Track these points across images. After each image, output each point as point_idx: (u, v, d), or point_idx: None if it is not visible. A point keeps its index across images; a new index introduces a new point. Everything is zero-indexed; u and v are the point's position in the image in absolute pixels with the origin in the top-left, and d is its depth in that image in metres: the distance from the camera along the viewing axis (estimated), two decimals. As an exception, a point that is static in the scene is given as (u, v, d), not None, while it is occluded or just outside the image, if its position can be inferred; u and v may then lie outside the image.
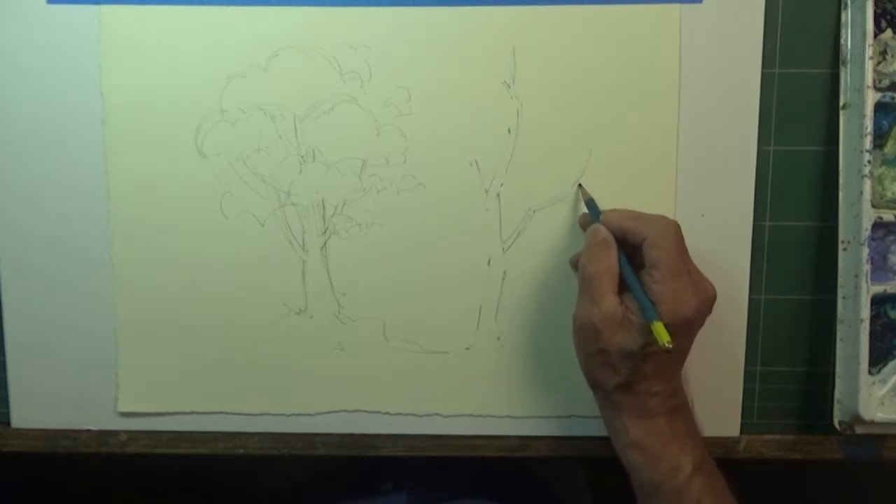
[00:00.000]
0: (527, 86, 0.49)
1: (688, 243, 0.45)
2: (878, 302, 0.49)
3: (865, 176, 0.47)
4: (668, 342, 0.41)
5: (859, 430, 0.49)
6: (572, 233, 0.50)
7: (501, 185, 0.50)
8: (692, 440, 0.45)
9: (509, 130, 0.49)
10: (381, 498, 0.64)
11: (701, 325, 0.45)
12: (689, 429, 0.46)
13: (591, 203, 0.48)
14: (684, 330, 0.44)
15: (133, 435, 0.53)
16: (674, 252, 0.43)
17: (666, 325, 0.42)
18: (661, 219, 0.45)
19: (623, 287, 0.45)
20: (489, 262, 0.51)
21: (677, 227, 0.44)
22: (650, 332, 0.42)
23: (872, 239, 0.48)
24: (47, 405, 0.52)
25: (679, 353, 0.45)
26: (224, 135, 0.50)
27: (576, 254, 0.49)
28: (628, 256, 0.45)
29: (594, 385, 0.47)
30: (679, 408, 0.46)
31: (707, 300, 0.44)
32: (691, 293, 0.43)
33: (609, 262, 0.45)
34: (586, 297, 0.45)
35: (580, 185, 0.49)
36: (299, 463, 0.73)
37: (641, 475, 0.45)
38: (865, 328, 0.48)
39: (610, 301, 0.44)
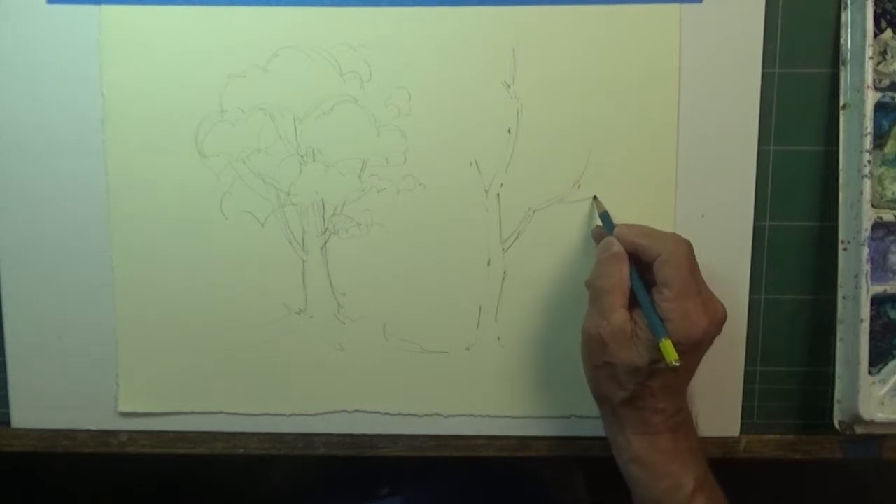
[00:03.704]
0: (527, 86, 0.49)
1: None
2: (878, 302, 0.49)
3: (865, 176, 0.47)
4: (675, 360, 0.41)
5: (859, 430, 0.49)
6: (572, 233, 0.50)
7: (501, 185, 0.50)
8: (694, 457, 0.45)
9: (509, 130, 0.49)
10: (377, 503, 0.64)
11: (710, 345, 0.45)
12: (691, 445, 0.46)
13: (605, 216, 0.48)
14: (692, 349, 0.44)
15: (133, 435, 0.53)
16: (685, 271, 0.43)
17: (674, 344, 0.42)
18: (674, 237, 0.45)
19: (633, 302, 0.45)
20: (489, 262, 0.51)
21: (689, 247, 0.44)
22: (658, 349, 0.42)
23: (872, 239, 0.48)
24: (47, 405, 0.52)
25: (686, 371, 0.45)
26: (224, 135, 0.50)
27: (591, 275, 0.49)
28: (640, 272, 0.45)
29: (599, 398, 0.47)
30: (683, 424, 0.46)
31: (717, 321, 0.44)
32: (701, 313, 0.43)
33: (620, 276, 0.45)
34: (596, 310, 0.45)
35: (595, 197, 0.49)
36: (299, 464, 0.73)
37: (643, 490, 0.45)
38: (865, 328, 0.48)
39: (619, 316, 0.44)
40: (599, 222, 0.49)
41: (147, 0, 0.49)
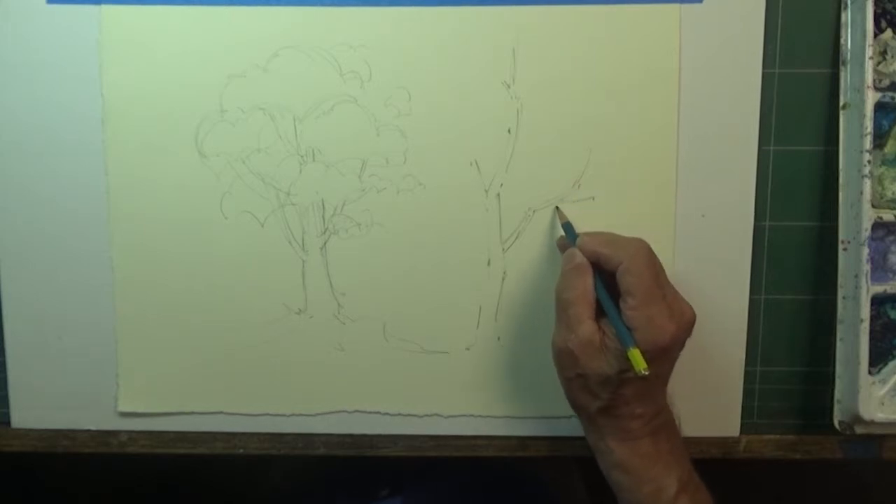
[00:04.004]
0: (527, 86, 0.49)
1: (688, 243, 0.45)
2: (878, 302, 0.49)
3: (865, 176, 0.47)
4: (644, 369, 0.41)
5: (859, 430, 0.49)
6: (572, 233, 0.50)
7: (501, 185, 0.50)
8: (676, 459, 0.45)
9: (509, 130, 0.49)
10: (377, 503, 0.64)
11: (680, 349, 0.45)
12: (673, 447, 0.46)
13: (567, 226, 0.48)
14: (661, 355, 0.43)
15: (133, 435, 0.53)
16: (647, 277, 0.43)
17: (642, 352, 0.42)
18: (634, 243, 0.45)
19: (601, 312, 0.45)
20: (489, 262, 0.51)
21: (649, 251, 0.44)
22: (627, 358, 0.42)
23: (872, 239, 0.48)
24: (47, 405, 0.52)
25: (659, 376, 0.45)
26: (224, 135, 0.50)
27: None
28: (606, 281, 0.45)
29: (577, 409, 0.47)
30: (664, 427, 0.46)
31: (684, 325, 0.44)
32: (667, 318, 0.43)
33: (584, 287, 0.44)
34: (563, 323, 0.45)
35: (557, 207, 0.49)
36: (299, 464, 0.73)
37: (627, 495, 0.45)
38: (865, 328, 0.48)
39: (587, 327, 0.44)
40: (600, 223, 0.49)
41: (147, 0, 0.49)
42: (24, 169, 0.50)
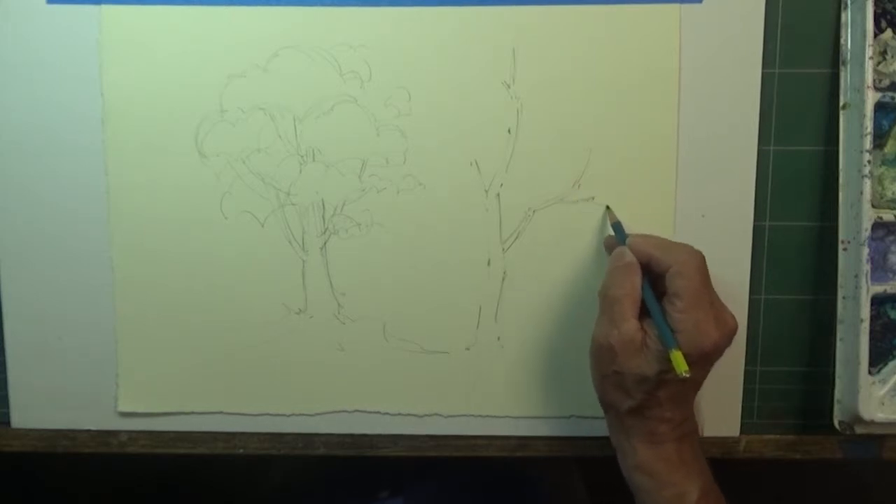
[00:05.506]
0: (527, 86, 0.49)
1: (688, 243, 0.45)
2: (878, 302, 0.49)
3: (865, 176, 0.47)
4: (685, 371, 0.41)
5: (859, 430, 0.49)
6: (572, 233, 0.50)
7: (501, 185, 0.50)
8: (699, 467, 0.45)
9: (509, 130, 0.49)
10: (377, 503, 0.64)
11: (719, 356, 0.45)
12: (696, 455, 0.46)
13: (617, 226, 0.48)
14: (702, 361, 0.44)
15: (133, 435, 0.53)
16: (697, 283, 0.43)
17: (684, 355, 0.42)
18: (687, 248, 0.45)
19: (644, 312, 0.45)
20: (489, 262, 0.51)
21: (702, 259, 0.44)
22: (667, 359, 0.42)
23: (872, 239, 0.48)
24: (47, 405, 0.52)
25: (694, 382, 0.45)
26: (224, 135, 0.50)
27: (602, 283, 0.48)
28: (651, 283, 0.45)
29: (606, 406, 0.47)
30: (689, 434, 0.46)
31: (727, 333, 0.44)
32: (713, 325, 0.43)
33: (632, 286, 0.45)
34: (607, 318, 0.45)
35: (608, 207, 0.49)
36: (299, 464, 0.73)
37: (647, 498, 0.45)
38: (865, 328, 0.48)
39: (630, 325, 0.44)
40: (600, 223, 0.49)
41: (147, 0, 0.49)
42: (24, 169, 0.50)
